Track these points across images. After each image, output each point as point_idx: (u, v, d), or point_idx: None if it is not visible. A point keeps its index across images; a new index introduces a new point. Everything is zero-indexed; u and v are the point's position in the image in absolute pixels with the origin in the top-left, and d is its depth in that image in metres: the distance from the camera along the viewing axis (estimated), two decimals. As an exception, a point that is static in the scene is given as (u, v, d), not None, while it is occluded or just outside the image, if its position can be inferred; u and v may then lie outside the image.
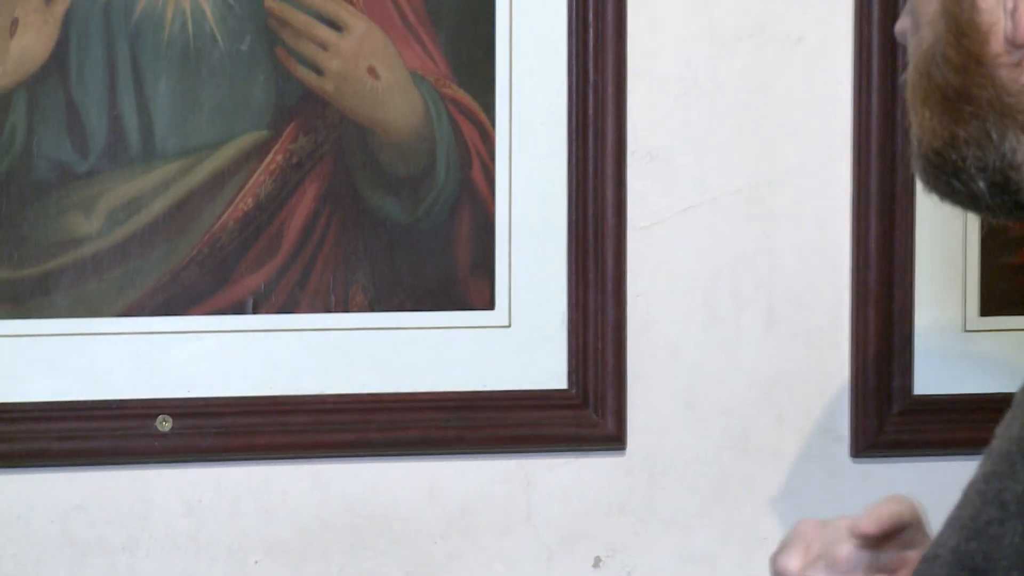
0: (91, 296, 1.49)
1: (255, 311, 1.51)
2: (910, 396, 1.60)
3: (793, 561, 1.06)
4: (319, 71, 1.50)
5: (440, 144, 1.54)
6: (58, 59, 1.46)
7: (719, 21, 1.60)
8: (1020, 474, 0.86)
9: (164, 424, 1.49)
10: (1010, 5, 0.86)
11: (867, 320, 1.61)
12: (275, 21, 1.48)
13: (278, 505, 1.57)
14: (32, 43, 1.46)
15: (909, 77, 0.93)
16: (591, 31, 1.54)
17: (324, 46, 1.50)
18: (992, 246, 1.63)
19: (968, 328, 1.62)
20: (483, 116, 1.53)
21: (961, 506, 0.91)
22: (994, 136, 0.89)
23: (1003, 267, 1.63)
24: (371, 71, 1.50)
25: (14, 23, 1.47)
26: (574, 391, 1.58)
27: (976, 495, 0.88)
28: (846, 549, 1.05)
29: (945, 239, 1.64)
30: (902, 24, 0.97)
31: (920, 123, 0.92)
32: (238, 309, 1.50)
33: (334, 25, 1.50)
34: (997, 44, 0.88)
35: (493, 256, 1.55)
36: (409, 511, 1.59)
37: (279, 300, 1.51)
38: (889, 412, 1.59)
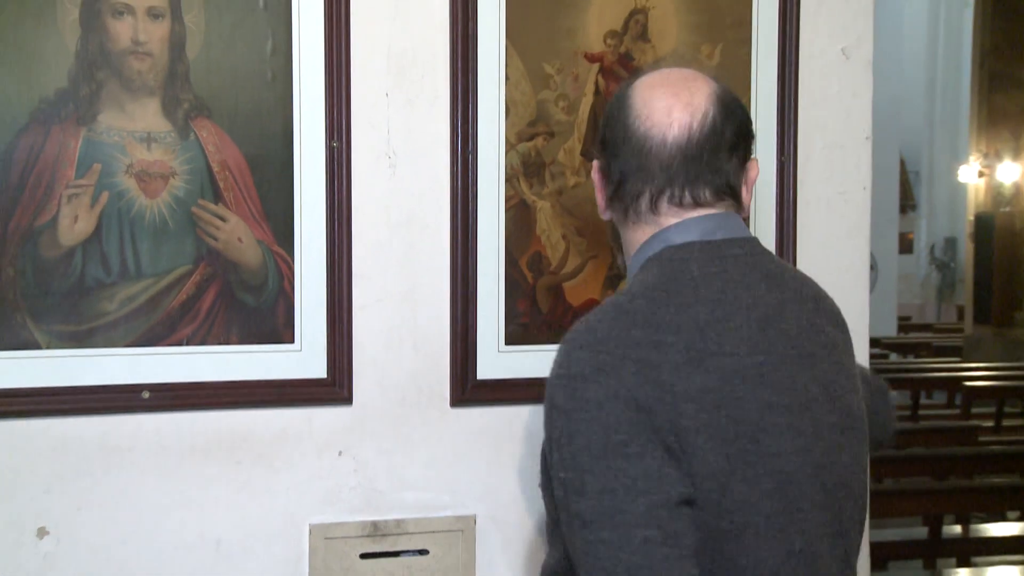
0: (112, 338, 2.01)
1: (187, 344, 2.05)
2: (476, 379, 2.22)
3: None
4: (215, 239, 2.06)
5: (270, 272, 2.09)
6: (97, 232, 1.99)
7: (392, 216, 2.18)
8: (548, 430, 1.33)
9: (145, 394, 2.03)
10: (600, 202, 1.51)
11: (457, 347, 2.20)
12: (195, 216, 2.04)
13: (197, 429, 2.09)
14: (84, 226, 1.99)
15: (609, 227, 1.55)
16: (335, 226, 2.12)
17: (217, 228, 2.06)
18: (510, 315, 2.22)
19: (500, 351, 2.23)
20: (290, 259, 2.10)
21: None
22: (617, 254, 1.58)
23: (516, 326, 2.22)
24: (239, 239, 2.07)
25: (76, 217, 1.97)
26: (329, 378, 2.13)
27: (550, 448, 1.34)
28: None
29: (492, 311, 2.21)
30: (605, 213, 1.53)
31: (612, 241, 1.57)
32: (179, 343, 2.05)
33: (221, 218, 2.06)
34: (622, 226, 1.48)
35: (294, 321, 2.11)
36: (260, 431, 2.12)
37: (198, 338, 2.06)
38: (466, 387, 2.21)
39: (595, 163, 1.49)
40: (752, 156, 1.45)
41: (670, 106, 1.39)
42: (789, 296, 1.37)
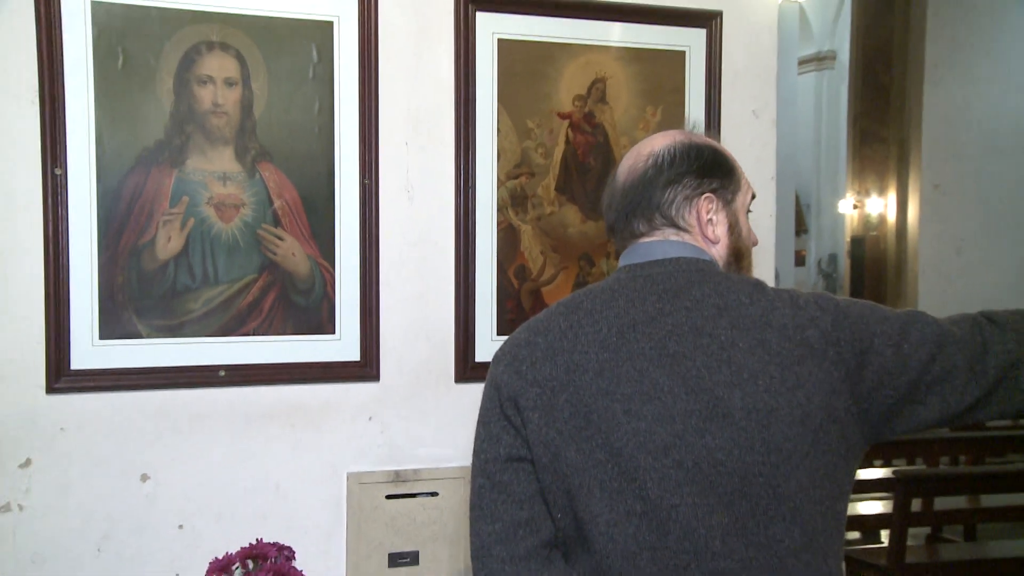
0: (197, 330, 2.00)
1: (254, 334, 2.03)
2: (474, 361, 2.13)
3: None
4: (275, 254, 2.04)
5: (317, 279, 2.06)
6: (185, 249, 1.98)
7: (410, 236, 2.11)
8: None
9: (222, 373, 2.02)
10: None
11: (460, 337, 2.16)
12: (260, 236, 2.02)
13: (261, 400, 2.05)
14: (175, 244, 1.98)
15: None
16: (367, 244, 2.08)
17: (276, 246, 2.04)
18: (501, 312, 2.13)
19: (493, 339, 2.14)
20: (332, 269, 2.07)
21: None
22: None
23: (505, 320, 2.13)
24: (293, 254, 2.04)
25: (169, 238, 1.95)
26: (362, 361, 2.10)
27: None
28: None
29: (487, 309, 2.15)
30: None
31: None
32: (247, 334, 2.03)
33: (279, 238, 2.04)
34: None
35: (335, 316, 2.08)
36: (308, 401, 2.09)
37: (262, 330, 2.03)
38: (467, 367, 2.15)
39: None
40: (704, 195, 1.32)
41: (626, 160, 1.36)
42: (677, 307, 1.25)
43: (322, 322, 2.10)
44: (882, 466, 5.29)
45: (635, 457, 1.17)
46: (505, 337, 1.99)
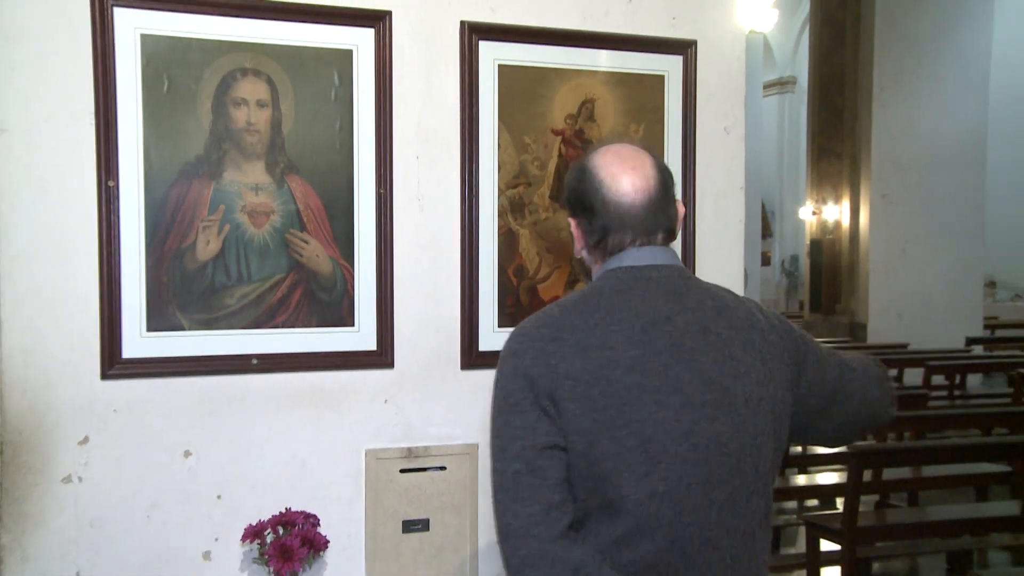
0: (232, 322, 1.98)
1: (282, 327, 2.01)
2: (478, 351, 2.09)
3: None
4: (301, 255, 2.01)
5: (338, 278, 2.04)
6: (222, 251, 1.96)
7: (420, 240, 2.10)
8: None
9: (255, 361, 2.00)
10: (579, 247, 1.32)
11: (465, 329, 2.10)
12: (287, 240, 2.00)
13: (289, 384, 2.03)
14: (213, 247, 1.95)
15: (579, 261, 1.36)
16: (382, 247, 2.05)
17: (302, 248, 2.01)
18: (501, 307, 2.09)
19: (494, 331, 2.10)
20: (351, 269, 2.05)
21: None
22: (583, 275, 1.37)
23: (505, 314, 2.11)
24: (317, 255, 2.01)
25: (208, 241, 1.93)
26: (379, 350, 2.08)
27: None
28: None
29: (489, 305, 2.10)
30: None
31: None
32: (277, 326, 2.00)
33: (305, 241, 2.00)
34: (597, 261, 1.31)
35: (354, 311, 2.06)
36: (331, 386, 2.06)
37: (290, 323, 2.00)
38: (472, 356, 2.12)
39: (573, 221, 1.35)
40: (677, 199, 1.36)
41: (632, 180, 1.30)
42: (684, 307, 1.26)
43: (343, 316, 2.08)
44: (837, 441, 5.25)
45: (662, 443, 1.18)
46: (506, 329, 2.10)
